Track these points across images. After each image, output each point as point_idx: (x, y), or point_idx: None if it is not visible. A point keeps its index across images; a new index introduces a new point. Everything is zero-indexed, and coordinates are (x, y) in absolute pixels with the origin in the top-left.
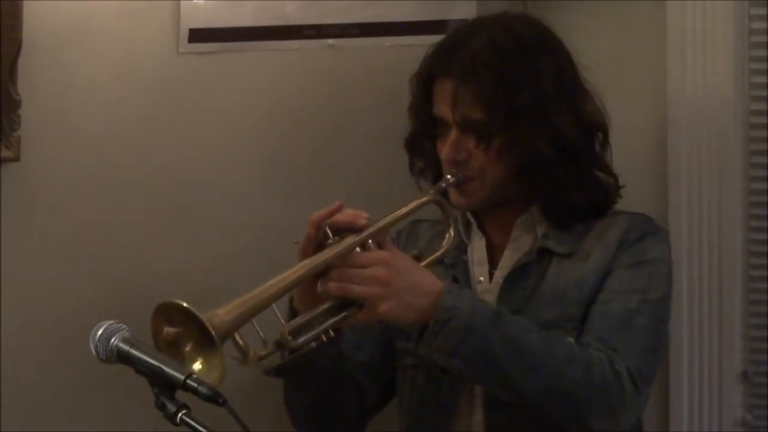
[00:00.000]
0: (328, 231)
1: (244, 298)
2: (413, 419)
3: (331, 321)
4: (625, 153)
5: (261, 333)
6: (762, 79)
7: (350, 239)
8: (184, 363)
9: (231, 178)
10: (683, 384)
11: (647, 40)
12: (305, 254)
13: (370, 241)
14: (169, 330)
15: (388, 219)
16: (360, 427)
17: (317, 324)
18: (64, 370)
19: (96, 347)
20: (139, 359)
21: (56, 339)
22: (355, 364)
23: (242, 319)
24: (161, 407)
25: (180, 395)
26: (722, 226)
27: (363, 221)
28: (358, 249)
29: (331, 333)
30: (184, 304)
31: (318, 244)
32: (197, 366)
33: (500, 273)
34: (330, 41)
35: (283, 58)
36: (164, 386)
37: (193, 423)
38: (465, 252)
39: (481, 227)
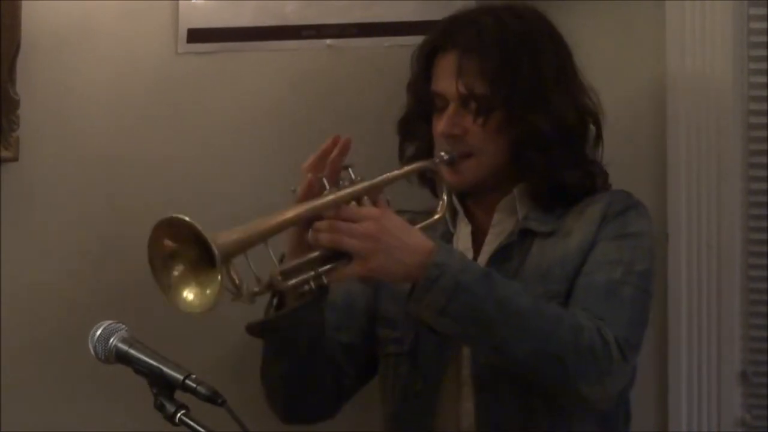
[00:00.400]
0: (325, 182)
1: (243, 227)
2: (397, 408)
3: (321, 269)
4: (624, 153)
5: (255, 270)
6: (761, 79)
7: (346, 191)
8: (176, 286)
9: (230, 177)
10: (682, 384)
11: (646, 39)
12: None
13: (366, 197)
14: (167, 244)
15: (382, 177)
16: (334, 407)
17: (307, 270)
18: (63, 370)
19: (95, 347)
20: (138, 359)
21: (56, 339)
22: (336, 343)
23: (242, 245)
24: (160, 407)
25: (179, 395)
26: (721, 226)
27: (334, 153)
28: (354, 203)
29: (324, 280)
30: (187, 219)
31: (315, 193)
32: (190, 291)
33: (483, 258)
34: (329, 41)
35: (282, 58)
36: (163, 386)
37: (192, 423)
38: (450, 241)
39: (468, 214)
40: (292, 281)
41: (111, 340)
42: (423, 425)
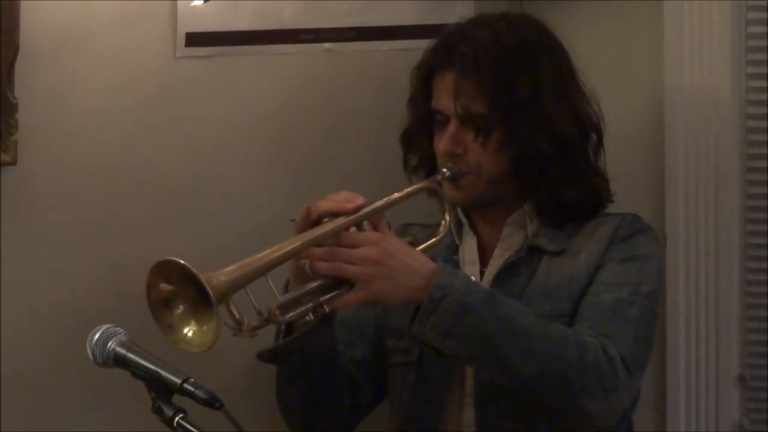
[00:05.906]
0: None
1: (241, 264)
2: (404, 417)
3: (320, 299)
4: (622, 156)
5: (255, 304)
6: (760, 83)
7: (346, 219)
8: (177, 325)
9: (228, 181)
10: (680, 388)
11: (644, 41)
12: (301, 231)
13: (365, 222)
14: (164, 287)
15: (382, 201)
16: (351, 424)
17: (306, 302)
18: (63, 372)
19: (93, 351)
20: (136, 363)
21: (55, 340)
22: (349, 360)
23: (239, 283)
24: (158, 411)
25: (177, 399)
26: (719, 230)
27: (350, 206)
28: (354, 228)
29: (325, 309)
30: (182, 262)
31: (314, 222)
32: (189, 329)
33: (491, 271)
34: (327, 45)
35: (280, 62)
36: (161, 390)
37: (190, 427)
38: (456, 252)
39: (473, 227)
40: (291, 314)
41: (109, 343)
42: None
